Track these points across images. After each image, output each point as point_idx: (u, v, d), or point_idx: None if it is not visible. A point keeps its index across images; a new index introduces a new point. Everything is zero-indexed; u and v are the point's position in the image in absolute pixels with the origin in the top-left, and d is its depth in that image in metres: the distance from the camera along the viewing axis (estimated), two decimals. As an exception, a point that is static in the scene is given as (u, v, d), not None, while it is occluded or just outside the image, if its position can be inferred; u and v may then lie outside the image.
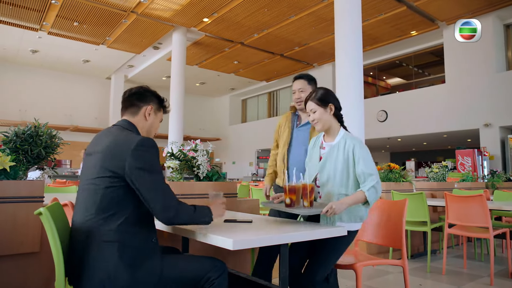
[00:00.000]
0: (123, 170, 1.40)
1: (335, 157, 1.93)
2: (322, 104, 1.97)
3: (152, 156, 1.46)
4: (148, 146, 1.45)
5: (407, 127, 11.25)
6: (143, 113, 1.68)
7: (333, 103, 1.99)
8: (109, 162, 1.43)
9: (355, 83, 6.47)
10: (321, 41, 11.15)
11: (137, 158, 1.41)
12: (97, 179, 1.43)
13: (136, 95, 1.70)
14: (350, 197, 1.83)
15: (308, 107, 2.02)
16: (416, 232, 4.35)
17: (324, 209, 1.69)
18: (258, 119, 17.80)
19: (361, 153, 1.88)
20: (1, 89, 13.43)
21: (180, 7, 9.15)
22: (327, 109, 1.98)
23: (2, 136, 2.00)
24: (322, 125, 1.99)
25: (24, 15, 9.46)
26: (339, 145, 1.96)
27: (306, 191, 1.76)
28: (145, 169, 1.41)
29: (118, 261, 1.35)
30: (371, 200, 1.81)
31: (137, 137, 1.47)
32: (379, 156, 17.62)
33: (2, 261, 1.88)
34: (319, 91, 2.02)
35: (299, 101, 2.55)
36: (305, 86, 2.54)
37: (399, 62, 13.14)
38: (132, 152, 1.41)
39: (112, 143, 1.47)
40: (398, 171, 4.11)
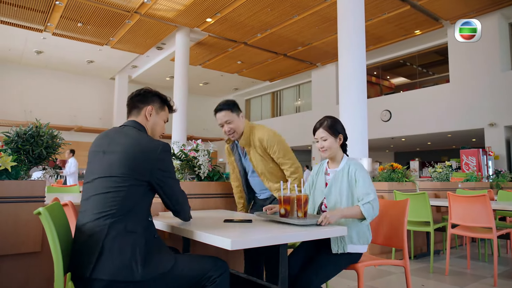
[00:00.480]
0: (149, 172, 1.51)
1: (340, 182, 2.01)
2: (333, 133, 2.05)
3: (171, 160, 1.64)
4: (169, 151, 1.60)
5: (411, 126, 11.20)
6: (144, 114, 1.73)
7: (342, 134, 2.08)
8: (136, 164, 1.50)
9: (358, 82, 6.45)
10: (325, 40, 11.12)
11: (162, 163, 1.55)
12: (120, 178, 1.48)
13: (138, 97, 1.76)
14: (344, 208, 1.91)
15: (318, 135, 2.07)
16: (419, 233, 4.33)
17: (319, 219, 1.71)
18: (261, 119, 17.81)
19: (361, 174, 1.98)
20: (6, 89, 13.52)
21: (183, 7, 9.17)
22: (337, 139, 2.06)
23: (4, 136, 2.01)
24: (330, 153, 2.07)
25: (29, 16, 9.52)
26: (343, 170, 2.04)
27: (301, 202, 1.77)
28: (170, 172, 1.59)
29: (130, 257, 1.39)
30: (367, 214, 1.86)
31: (158, 142, 1.59)
32: (383, 156, 17.55)
33: (4, 261, 1.89)
34: (329, 120, 2.08)
35: (229, 133, 2.35)
36: (231, 116, 2.31)
37: (403, 61, 13.09)
38: (158, 156, 1.54)
39: (136, 146, 1.54)
40: (401, 171, 4.08)
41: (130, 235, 1.43)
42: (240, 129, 2.36)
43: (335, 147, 2.06)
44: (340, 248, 1.92)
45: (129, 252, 1.39)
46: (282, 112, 17.16)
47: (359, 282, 1.98)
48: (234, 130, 2.34)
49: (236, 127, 2.34)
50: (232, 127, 2.33)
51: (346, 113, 6.47)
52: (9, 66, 13.54)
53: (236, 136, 2.38)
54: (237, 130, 2.35)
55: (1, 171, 1.89)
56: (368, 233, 2.01)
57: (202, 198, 2.61)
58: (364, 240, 1.98)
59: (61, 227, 1.48)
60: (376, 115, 11.86)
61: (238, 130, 2.36)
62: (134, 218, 1.47)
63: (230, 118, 2.32)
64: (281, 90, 17.25)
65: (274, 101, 17.72)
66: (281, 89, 17.16)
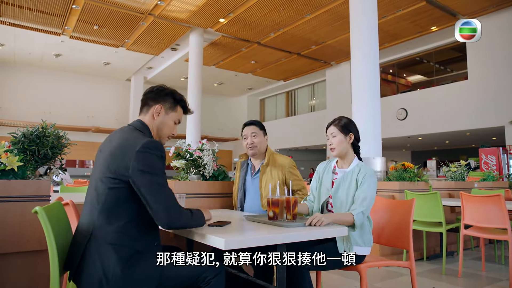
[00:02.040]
0: (127, 172, 1.39)
1: (349, 183, 1.98)
2: (343, 131, 2.04)
3: (156, 158, 1.44)
4: (152, 148, 1.43)
5: (428, 125, 10.96)
6: (152, 112, 1.66)
7: (353, 133, 2.05)
8: (114, 163, 1.43)
9: (371, 81, 6.34)
10: (338, 39, 11.00)
11: (140, 160, 1.40)
12: (103, 178, 1.44)
13: (150, 94, 1.69)
14: (337, 214, 1.90)
15: (328, 131, 2.08)
16: (432, 233, 4.23)
17: (308, 220, 1.68)
18: (276, 118, 17.78)
19: (369, 180, 1.94)
20: (27, 92, 13.92)
21: (196, 8, 9.23)
22: (347, 137, 2.04)
23: (11, 137, 2.07)
24: (339, 151, 2.05)
25: (47, 20, 9.77)
26: (353, 172, 2.01)
27: (289, 204, 1.74)
28: (147, 172, 1.40)
29: (114, 263, 1.35)
30: (358, 223, 1.87)
31: (143, 139, 1.45)
32: (399, 155, 17.24)
33: (11, 258, 1.94)
34: (343, 119, 2.08)
35: (251, 146, 2.42)
36: (258, 132, 2.45)
37: (419, 58, 12.82)
38: (136, 154, 1.40)
39: (119, 144, 1.47)
40: (413, 170, 4.00)
41: (107, 247, 1.37)
42: (261, 147, 2.46)
43: (344, 145, 2.03)
44: (346, 247, 1.90)
45: (101, 266, 1.34)
46: (297, 111, 17.08)
47: (361, 283, 1.94)
48: (256, 145, 2.43)
49: (258, 143, 2.44)
50: (256, 141, 2.42)
51: (359, 112, 6.38)
52: (29, 69, 13.95)
53: (256, 151, 2.44)
54: (259, 147, 2.44)
55: (7, 170, 1.94)
56: (370, 236, 1.99)
57: (207, 198, 2.62)
58: (367, 242, 1.96)
59: (60, 226, 1.51)
60: (392, 114, 11.67)
61: (260, 147, 2.45)
62: (119, 225, 1.40)
63: (257, 133, 2.44)
64: (296, 90, 17.17)
65: (289, 100, 17.65)
66: (295, 88, 17.08)
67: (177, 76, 14.71)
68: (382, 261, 2.17)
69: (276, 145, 16.26)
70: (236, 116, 18.81)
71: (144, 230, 1.47)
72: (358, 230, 1.91)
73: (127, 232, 1.42)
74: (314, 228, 1.64)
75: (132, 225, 1.44)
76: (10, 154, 1.94)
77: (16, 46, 11.94)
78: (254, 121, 2.53)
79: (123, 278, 1.36)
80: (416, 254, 4.10)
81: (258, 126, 2.48)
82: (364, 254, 1.97)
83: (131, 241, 1.42)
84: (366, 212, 1.89)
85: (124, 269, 1.37)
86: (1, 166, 1.90)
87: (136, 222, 1.45)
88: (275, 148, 16.52)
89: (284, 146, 16.35)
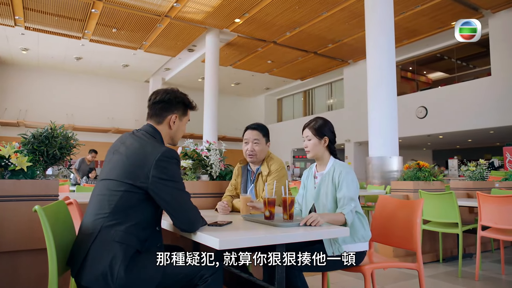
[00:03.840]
0: (147, 180, 1.45)
1: (326, 185, 2.00)
2: (317, 135, 2.06)
3: (175, 166, 1.51)
4: (170, 158, 1.49)
5: (449, 123, 10.67)
6: (167, 123, 1.68)
7: (328, 136, 2.07)
8: (132, 170, 1.47)
9: (387, 79, 6.24)
10: (355, 37, 10.85)
11: (161, 170, 1.46)
12: (117, 182, 1.48)
13: (161, 104, 1.67)
14: (330, 214, 1.89)
15: (304, 133, 2.11)
16: (449, 234, 4.11)
17: (303, 220, 1.66)
18: (293, 118, 17.69)
19: (346, 178, 1.94)
20: (50, 94, 14.38)
21: (212, 9, 9.29)
22: (322, 140, 2.06)
23: (22, 138, 2.13)
24: (314, 154, 2.09)
25: (68, 24, 10.06)
26: (329, 173, 2.03)
27: (286, 204, 1.73)
28: (168, 180, 1.47)
29: (121, 261, 1.38)
30: (349, 222, 1.87)
31: (160, 148, 1.50)
32: (420, 155, 16.85)
33: (21, 256, 2.00)
34: (318, 122, 2.09)
35: (251, 154, 2.32)
36: (261, 139, 2.32)
37: (440, 55, 12.49)
38: (155, 163, 1.45)
39: (137, 151, 1.51)
40: (428, 170, 3.89)
41: (115, 245, 1.40)
42: (261, 155, 2.36)
43: (319, 149, 2.07)
44: (335, 250, 1.88)
45: (107, 262, 1.37)
46: (314, 110, 16.94)
47: (365, 285, 1.90)
48: (257, 153, 2.33)
49: (259, 151, 2.33)
50: (257, 149, 2.32)
51: (375, 111, 6.29)
52: (52, 73, 14.40)
53: (255, 159, 2.35)
54: (259, 155, 2.34)
55: (17, 170, 2.00)
56: (363, 230, 1.96)
57: (214, 197, 2.63)
58: (359, 238, 1.94)
59: (62, 225, 1.55)
60: (411, 112, 11.42)
61: (260, 155, 2.34)
62: (128, 226, 1.44)
63: (259, 139, 2.33)
64: (313, 89, 17.04)
65: (306, 99, 17.54)
66: (313, 87, 16.95)
67: (195, 77, 14.85)
68: (387, 262, 2.12)
69: (293, 145, 16.20)
70: (253, 116, 18.81)
71: (150, 232, 1.53)
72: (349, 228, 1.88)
73: (136, 233, 1.46)
74: (313, 228, 1.62)
75: (140, 227, 1.48)
76: (19, 154, 2.00)
77: (39, 51, 12.34)
78: (258, 125, 2.38)
79: (127, 276, 1.38)
80: (432, 256, 3.99)
81: (262, 132, 2.34)
82: (360, 251, 1.94)
83: (137, 241, 1.46)
84: (354, 210, 1.90)
85: (128, 267, 1.40)
86: (11, 166, 1.96)
87: (144, 224, 1.50)
88: (293, 148, 16.46)
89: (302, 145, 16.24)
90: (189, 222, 1.51)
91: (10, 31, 10.58)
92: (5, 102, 13.74)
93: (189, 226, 1.51)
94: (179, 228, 1.53)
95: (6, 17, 9.55)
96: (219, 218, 1.91)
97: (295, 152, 16.61)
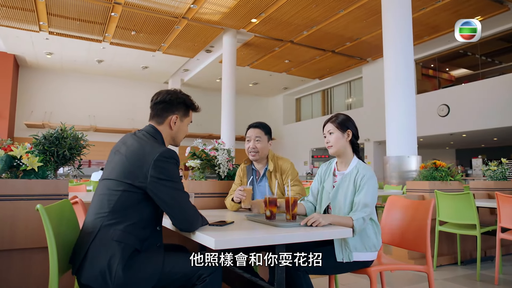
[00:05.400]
0: (145, 180, 1.46)
1: (346, 186, 1.91)
2: (340, 128, 1.96)
3: (173, 166, 1.51)
4: (168, 157, 1.50)
5: (472, 121, 10.33)
6: (168, 123, 1.70)
7: (351, 130, 1.97)
8: (132, 170, 1.49)
9: (405, 77, 6.11)
10: (374, 34, 10.65)
11: (159, 169, 1.47)
12: (116, 181, 1.50)
13: (162, 105, 1.70)
14: (336, 216, 1.81)
15: (325, 129, 2.02)
16: (469, 236, 3.97)
17: (304, 220, 1.63)
18: (312, 117, 17.54)
19: (368, 183, 1.85)
20: (74, 97, 14.81)
21: (228, 9, 9.33)
22: (345, 134, 1.96)
23: (33, 139, 2.20)
24: (336, 149, 1.98)
25: (89, 28, 10.33)
26: (351, 174, 1.92)
27: (289, 204, 1.69)
28: (166, 179, 1.48)
29: (119, 259, 1.40)
30: (357, 229, 1.77)
31: (159, 148, 1.51)
32: (442, 154, 16.38)
33: (33, 253, 2.06)
34: (340, 116, 2.01)
35: (253, 151, 2.35)
36: (263, 136, 2.37)
37: (463, 51, 12.10)
38: (154, 163, 1.47)
39: (136, 151, 1.53)
40: (445, 169, 3.77)
41: (113, 244, 1.42)
42: (264, 152, 2.39)
43: (342, 143, 1.96)
44: (345, 257, 1.82)
45: (106, 261, 1.39)
46: (333, 110, 16.75)
47: (372, 287, 1.86)
48: (259, 150, 2.36)
49: (261, 148, 2.37)
50: (259, 146, 2.35)
51: (392, 110, 6.16)
52: (75, 76, 14.83)
53: (257, 157, 2.38)
54: (261, 152, 2.37)
55: (29, 170, 2.06)
56: (375, 240, 1.88)
57: (222, 197, 2.63)
58: (370, 247, 1.86)
59: (66, 224, 1.58)
60: (433, 110, 11.12)
61: (262, 152, 2.38)
62: (127, 225, 1.46)
63: (261, 137, 2.37)
64: (332, 88, 16.85)
65: (325, 99, 17.37)
66: (331, 86, 16.76)
67: (213, 77, 14.95)
68: (395, 264, 2.06)
69: (312, 144, 16.07)
70: (272, 116, 18.79)
71: (150, 231, 1.54)
72: (357, 235, 1.83)
73: (134, 232, 1.48)
74: (313, 228, 1.60)
75: (139, 226, 1.50)
76: (30, 155, 2.06)
77: (63, 54, 12.73)
78: (260, 123, 2.43)
79: (125, 275, 1.40)
80: (449, 258, 3.87)
81: (264, 130, 2.39)
82: (367, 260, 1.87)
83: (136, 240, 1.47)
84: (367, 218, 1.80)
85: (126, 266, 1.41)
86: (23, 166, 2.03)
87: (143, 224, 1.51)
88: (311, 148, 16.34)
89: (321, 145, 16.09)
90: (187, 222, 1.50)
91: (35, 37, 10.97)
92: (32, 104, 14.25)
93: (187, 226, 1.51)
94: (178, 227, 1.54)
95: (31, 23, 9.91)
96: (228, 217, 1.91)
97: (314, 151, 16.48)
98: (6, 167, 2.02)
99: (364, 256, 1.85)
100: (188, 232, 1.54)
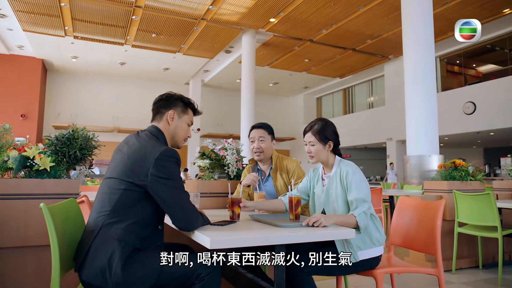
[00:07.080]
0: (146, 178, 1.48)
1: (335, 188, 1.92)
2: (321, 140, 1.95)
3: (173, 165, 1.53)
4: (169, 156, 1.52)
5: (500, 119, 9.93)
6: (166, 118, 1.74)
7: (332, 140, 1.97)
8: (133, 169, 1.52)
9: (426, 75, 5.93)
10: (395, 31, 10.42)
11: (160, 168, 1.49)
12: (118, 180, 1.54)
13: (161, 102, 1.77)
14: (339, 215, 1.79)
15: (306, 139, 2.00)
16: (491, 239, 3.82)
17: (305, 220, 1.61)
18: (333, 116, 17.35)
19: (354, 178, 1.84)
20: (98, 99, 15.23)
21: (246, 10, 9.35)
22: (326, 146, 1.96)
23: (46, 140, 2.27)
24: (317, 159, 1.99)
25: (111, 32, 10.59)
26: (336, 174, 1.94)
27: (292, 204, 1.68)
28: (166, 178, 1.49)
29: (119, 257, 1.42)
30: (362, 225, 1.75)
31: (160, 147, 1.54)
32: (469, 153, 15.82)
33: (46, 250, 2.12)
34: (320, 124, 1.97)
35: (258, 151, 2.40)
36: (266, 136, 2.42)
37: (490, 46, 11.64)
38: (154, 161, 1.49)
39: (138, 150, 1.56)
40: (465, 169, 3.64)
41: (114, 242, 1.44)
42: (268, 152, 2.43)
43: (323, 154, 1.96)
44: (352, 258, 1.79)
45: (106, 259, 1.41)
46: (354, 109, 16.51)
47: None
48: (263, 150, 2.41)
49: (265, 148, 2.42)
50: (263, 146, 2.40)
51: (413, 108, 6.00)
52: (99, 78, 15.25)
53: (262, 157, 2.42)
54: (266, 152, 2.42)
55: (41, 170, 2.14)
56: (378, 234, 1.85)
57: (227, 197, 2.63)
58: (374, 242, 1.83)
59: (72, 222, 1.62)
60: (458, 108, 10.77)
61: (266, 152, 2.43)
62: (127, 224, 1.48)
63: (264, 137, 2.41)
64: (353, 86, 16.61)
65: (346, 97, 17.13)
66: (352, 85, 16.52)
67: (233, 78, 15.02)
68: (404, 266, 2.01)
69: (333, 144, 15.86)
70: (293, 116, 18.71)
71: (150, 230, 1.56)
72: (362, 232, 1.79)
73: (135, 231, 1.50)
74: (314, 229, 1.57)
75: (140, 225, 1.52)
76: (43, 155, 2.13)
77: (87, 58, 13.11)
78: (263, 124, 2.49)
79: (124, 273, 1.42)
80: (469, 261, 3.73)
81: (267, 130, 2.44)
82: (374, 256, 1.84)
83: (137, 239, 1.50)
84: (368, 212, 1.78)
85: (125, 264, 1.43)
86: (36, 166, 2.10)
87: (144, 223, 1.53)
88: (332, 147, 16.13)
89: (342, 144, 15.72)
90: (186, 221, 1.51)
91: (61, 41, 11.35)
92: (59, 107, 14.75)
93: (187, 225, 1.52)
94: (177, 226, 1.54)
95: (57, 28, 10.26)
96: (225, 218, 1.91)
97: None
98: (20, 167, 2.09)
99: (370, 252, 1.83)
100: (188, 231, 1.55)
